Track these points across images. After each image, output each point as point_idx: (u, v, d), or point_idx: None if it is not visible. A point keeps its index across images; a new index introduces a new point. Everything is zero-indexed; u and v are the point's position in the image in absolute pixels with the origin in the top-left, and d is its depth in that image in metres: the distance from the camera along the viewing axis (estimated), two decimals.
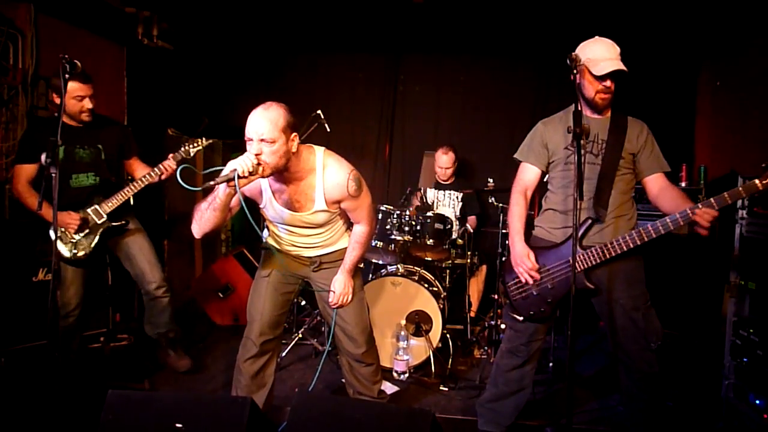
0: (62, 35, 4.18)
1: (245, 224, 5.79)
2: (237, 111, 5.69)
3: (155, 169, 3.33)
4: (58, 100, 3.17)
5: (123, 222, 3.37)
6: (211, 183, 2.15)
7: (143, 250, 3.44)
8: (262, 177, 2.28)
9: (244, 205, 2.24)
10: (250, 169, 2.15)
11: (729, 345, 3.11)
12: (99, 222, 3.28)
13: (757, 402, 2.87)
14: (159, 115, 5.09)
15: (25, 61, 3.82)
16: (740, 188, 2.28)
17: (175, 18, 4.73)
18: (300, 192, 2.46)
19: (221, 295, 4.89)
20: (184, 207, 3.35)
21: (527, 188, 2.71)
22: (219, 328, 4.77)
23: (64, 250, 3.20)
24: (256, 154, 2.20)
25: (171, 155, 3.38)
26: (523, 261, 2.57)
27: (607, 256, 2.46)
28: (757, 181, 2.26)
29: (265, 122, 2.21)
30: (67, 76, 2.38)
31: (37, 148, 3.13)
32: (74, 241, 3.21)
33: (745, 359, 2.99)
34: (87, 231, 3.25)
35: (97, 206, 3.28)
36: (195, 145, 3.43)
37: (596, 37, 2.52)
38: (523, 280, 2.59)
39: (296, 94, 5.41)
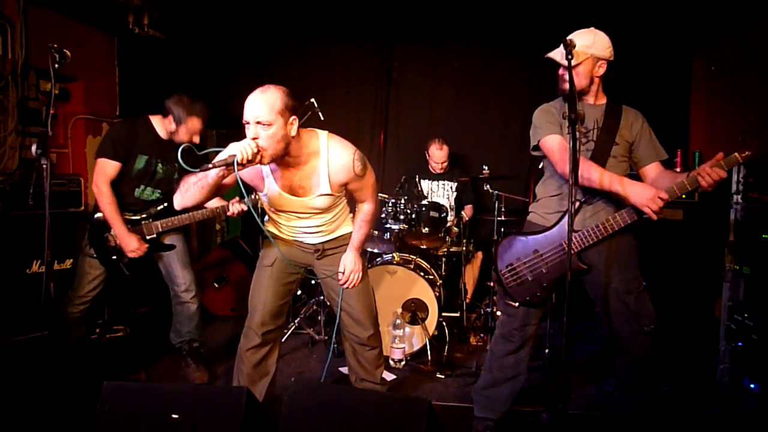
0: (52, 25, 4.13)
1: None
2: (230, 100, 5.65)
3: (224, 207, 3.21)
4: (173, 127, 3.18)
5: (171, 245, 3.35)
6: (209, 166, 2.11)
7: (178, 252, 3.38)
8: (261, 164, 2.25)
9: (244, 191, 2.18)
10: (249, 157, 2.11)
11: (724, 329, 3.12)
12: (148, 238, 3.25)
13: (752, 386, 2.89)
14: (152, 105, 5.03)
15: (14, 52, 3.77)
16: (722, 162, 2.30)
17: (166, 6, 4.67)
18: (304, 177, 2.42)
19: (216, 286, 4.89)
20: None
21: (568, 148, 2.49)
22: (215, 319, 4.77)
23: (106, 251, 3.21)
24: (254, 138, 2.16)
25: (238, 199, 3.24)
26: (654, 198, 2.30)
27: (600, 236, 2.46)
28: (737, 155, 2.30)
29: (261, 104, 2.17)
30: (56, 66, 2.35)
31: (124, 147, 3.15)
32: (116, 247, 3.20)
33: (740, 344, 3.01)
34: None
35: (152, 221, 3.25)
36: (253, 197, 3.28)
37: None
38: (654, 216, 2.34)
39: (290, 83, 5.20)
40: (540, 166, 2.74)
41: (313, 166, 2.41)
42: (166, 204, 3.30)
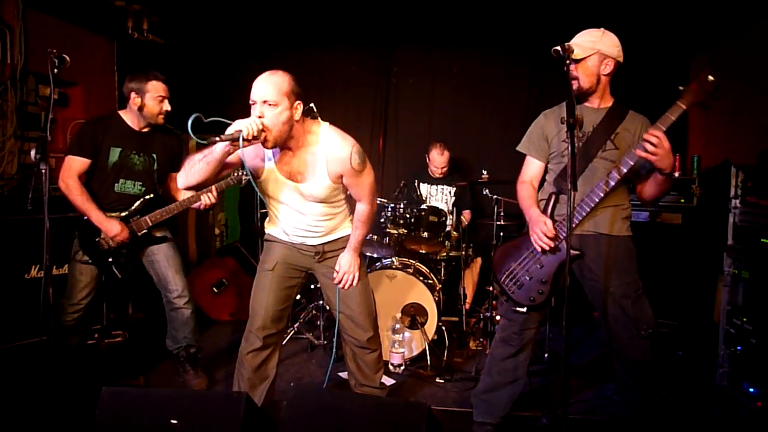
0: (51, 30, 4.14)
1: (239, 219, 5.78)
2: (229, 105, 5.68)
3: (202, 196, 3.14)
4: (138, 100, 3.12)
5: (163, 236, 3.32)
6: (216, 139, 2.17)
7: (169, 257, 3.32)
8: (265, 147, 2.32)
9: (246, 164, 2.23)
10: (255, 133, 2.18)
11: (723, 334, 3.13)
12: (139, 234, 3.21)
13: (751, 390, 2.89)
14: None
15: (13, 57, 3.77)
16: (669, 114, 2.44)
17: (166, 11, 4.68)
18: (302, 162, 2.46)
19: (215, 291, 4.88)
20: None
21: (532, 180, 2.73)
22: (213, 324, 4.76)
23: (100, 254, 3.17)
24: (259, 117, 2.23)
25: (215, 185, 3.17)
26: (538, 224, 2.53)
27: (579, 217, 2.48)
28: (678, 102, 2.45)
29: (268, 85, 2.26)
30: (56, 71, 2.35)
31: (92, 142, 3.10)
32: (110, 249, 3.16)
33: (738, 348, 3.01)
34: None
35: (139, 217, 3.21)
36: (237, 175, 3.25)
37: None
38: (539, 248, 2.53)
39: None
40: None
41: (312, 152, 2.46)
42: (151, 196, 3.25)
